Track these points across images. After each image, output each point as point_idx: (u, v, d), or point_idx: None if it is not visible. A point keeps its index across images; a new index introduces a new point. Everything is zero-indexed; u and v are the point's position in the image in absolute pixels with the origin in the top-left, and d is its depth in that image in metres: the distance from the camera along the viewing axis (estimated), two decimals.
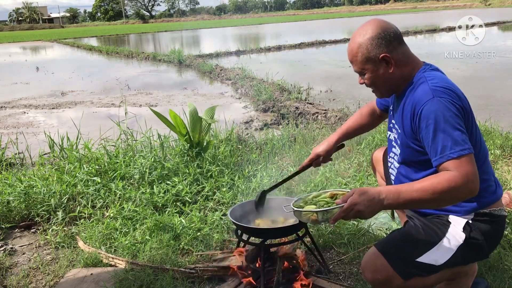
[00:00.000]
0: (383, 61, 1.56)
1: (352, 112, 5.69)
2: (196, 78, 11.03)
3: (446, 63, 9.91)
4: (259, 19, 68.18)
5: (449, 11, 51.99)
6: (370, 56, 1.56)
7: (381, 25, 1.58)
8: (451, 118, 1.42)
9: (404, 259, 1.51)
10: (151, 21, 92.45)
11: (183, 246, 2.50)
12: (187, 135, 3.56)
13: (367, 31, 1.57)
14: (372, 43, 1.55)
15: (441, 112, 1.43)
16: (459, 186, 1.36)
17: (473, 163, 1.40)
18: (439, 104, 1.44)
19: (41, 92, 9.65)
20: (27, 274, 2.39)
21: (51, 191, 3.14)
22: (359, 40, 1.58)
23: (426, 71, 1.58)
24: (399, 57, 1.58)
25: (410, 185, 1.41)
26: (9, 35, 49.65)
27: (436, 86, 1.49)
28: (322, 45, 17.88)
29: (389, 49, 1.56)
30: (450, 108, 1.44)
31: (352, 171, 3.45)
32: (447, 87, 1.49)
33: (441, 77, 1.56)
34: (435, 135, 1.43)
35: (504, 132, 4.16)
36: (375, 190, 1.41)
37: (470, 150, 1.40)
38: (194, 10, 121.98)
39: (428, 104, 1.46)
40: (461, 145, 1.40)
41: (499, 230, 1.62)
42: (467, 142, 1.41)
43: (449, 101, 1.45)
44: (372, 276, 1.52)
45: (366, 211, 1.39)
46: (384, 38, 1.55)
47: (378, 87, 1.65)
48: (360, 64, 1.59)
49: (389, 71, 1.57)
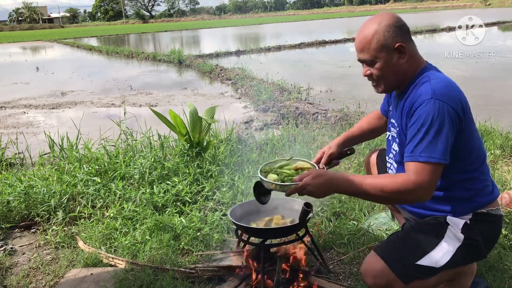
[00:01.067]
0: (397, 50, 1.55)
1: (352, 112, 5.69)
2: (196, 78, 11.02)
3: (446, 63, 9.90)
4: (259, 19, 68.18)
5: (449, 11, 52.01)
6: (387, 43, 1.54)
7: (396, 16, 1.58)
8: (440, 124, 1.42)
9: (404, 263, 1.50)
10: (151, 21, 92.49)
11: (183, 246, 2.50)
12: (187, 135, 3.56)
13: (383, 19, 1.56)
14: (390, 30, 1.54)
15: (433, 115, 1.43)
16: (409, 192, 1.42)
17: (435, 174, 1.42)
18: (435, 106, 1.44)
19: (41, 92, 9.65)
20: (27, 274, 2.39)
21: (51, 191, 3.14)
22: (375, 27, 1.55)
23: (430, 70, 1.58)
24: (411, 51, 1.58)
25: (364, 178, 1.49)
26: (9, 35, 49.66)
27: (438, 87, 1.48)
28: (322, 45, 17.88)
29: (404, 39, 1.56)
30: (445, 113, 1.43)
31: (352, 171, 3.45)
32: (449, 91, 1.48)
33: (444, 77, 1.55)
34: (418, 133, 1.45)
35: (504, 132, 4.16)
36: (330, 175, 1.51)
37: (440, 160, 1.41)
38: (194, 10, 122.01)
39: (425, 103, 1.46)
40: (433, 152, 1.41)
41: (497, 230, 1.63)
42: (442, 152, 1.41)
43: (446, 106, 1.44)
44: (373, 281, 1.51)
45: (317, 193, 1.52)
46: (400, 28, 1.55)
47: (386, 79, 1.60)
48: (374, 52, 1.55)
49: (401, 62, 1.56)
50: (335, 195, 2.92)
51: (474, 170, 1.55)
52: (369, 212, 2.80)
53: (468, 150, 1.53)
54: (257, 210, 2.23)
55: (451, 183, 1.55)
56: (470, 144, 1.53)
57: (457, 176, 1.55)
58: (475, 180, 1.56)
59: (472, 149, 1.54)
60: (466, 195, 1.56)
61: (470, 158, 1.54)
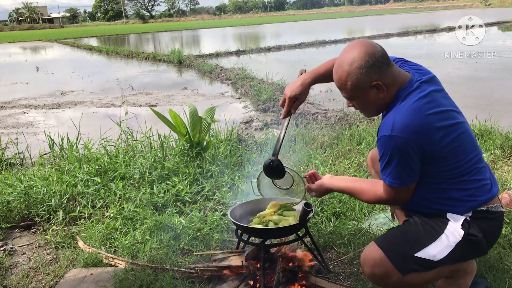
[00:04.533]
0: (374, 87, 1.55)
1: (352, 112, 5.69)
2: (196, 78, 11.03)
3: (446, 63, 9.90)
4: (259, 19, 68.18)
5: (449, 11, 52.00)
6: (360, 85, 1.55)
7: (368, 51, 1.53)
8: (400, 156, 1.50)
9: (403, 254, 1.53)
10: (151, 21, 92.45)
11: (183, 246, 2.50)
12: (187, 135, 3.56)
13: (354, 59, 1.53)
14: (362, 72, 1.52)
15: (392, 150, 1.50)
16: (384, 201, 1.67)
17: (403, 193, 1.59)
18: (392, 141, 1.49)
19: (41, 92, 9.65)
20: (27, 274, 2.39)
21: (51, 191, 3.14)
22: (347, 68, 1.54)
23: (406, 92, 1.55)
24: (389, 81, 1.56)
25: (353, 182, 1.80)
26: (9, 35, 49.63)
27: (398, 120, 1.48)
28: (322, 45, 17.87)
29: (379, 75, 1.53)
30: (404, 146, 1.48)
31: (352, 171, 3.44)
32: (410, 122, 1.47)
33: (411, 105, 1.51)
34: (382, 159, 1.57)
35: (504, 132, 4.16)
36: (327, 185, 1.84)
37: (404, 184, 1.56)
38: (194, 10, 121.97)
39: (384, 138, 1.52)
40: (396, 179, 1.55)
41: (497, 226, 1.63)
42: (405, 178, 1.54)
43: (405, 140, 1.47)
44: (371, 270, 1.55)
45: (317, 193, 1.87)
46: (373, 66, 1.52)
47: (368, 110, 1.68)
48: (350, 92, 1.59)
49: (380, 96, 1.57)
50: (335, 195, 2.92)
51: (466, 172, 1.55)
52: (369, 212, 2.80)
53: (451, 157, 1.53)
54: (257, 210, 2.23)
55: (445, 186, 1.57)
56: (455, 153, 1.53)
57: (450, 180, 1.56)
58: (470, 181, 1.56)
59: (457, 155, 1.53)
60: (463, 195, 1.56)
61: (458, 162, 1.54)
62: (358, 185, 1.74)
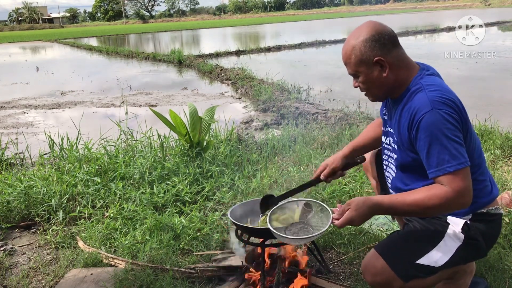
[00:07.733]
0: (377, 64, 1.54)
1: (352, 112, 5.69)
2: (196, 78, 11.03)
3: (446, 63, 9.91)
4: (259, 19, 68.19)
5: (449, 11, 52.01)
6: (364, 58, 1.54)
7: (376, 27, 1.55)
8: (448, 131, 1.42)
9: (404, 262, 1.51)
10: (151, 21, 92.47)
11: (183, 246, 2.50)
12: (187, 135, 3.56)
13: (361, 33, 1.55)
14: (366, 46, 1.53)
15: (439, 125, 1.42)
16: (451, 202, 1.41)
17: (468, 177, 1.42)
18: (437, 116, 1.42)
19: (41, 92, 9.65)
20: (27, 274, 2.39)
21: (51, 191, 3.14)
22: (353, 42, 1.56)
23: (423, 77, 1.55)
24: (394, 61, 1.55)
25: (403, 198, 1.46)
26: (9, 35, 49.65)
27: (434, 96, 1.46)
28: (322, 45, 17.88)
29: (383, 52, 1.53)
30: (449, 119, 1.42)
31: (352, 171, 3.44)
32: (445, 97, 1.46)
33: (439, 84, 1.52)
34: (433, 147, 1.43)
35: (504, 132, 4.16)
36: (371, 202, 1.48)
37: (466, 163, 1.41)
38: (194, 10, 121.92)
39: (427, 116, 1.44)
40: (458, 159, 1.41)
41: (497, 228, 1.63)
42: (463, 155, 1.42)
43: (447, 113, 1.43)
44: (372, 279, 1.53)
45: (358, 221, 1.50)
46: (378, 41, 1.53)
47: (372, 91, 1.62)
48: (354, 67, 1.57)
49: (383, 75, 1.55)
50: (335, 195, 2.92)
51: (472, 172, 1.55)
52: None
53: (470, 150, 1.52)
54: (257, 210, 2.22)
55: None
56: (468, 148, 1.52)
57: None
58: (474, 182, 1.55)
59: (470, 153, 1.52)
60: None
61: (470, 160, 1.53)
62: (412, 197, 1.45)
